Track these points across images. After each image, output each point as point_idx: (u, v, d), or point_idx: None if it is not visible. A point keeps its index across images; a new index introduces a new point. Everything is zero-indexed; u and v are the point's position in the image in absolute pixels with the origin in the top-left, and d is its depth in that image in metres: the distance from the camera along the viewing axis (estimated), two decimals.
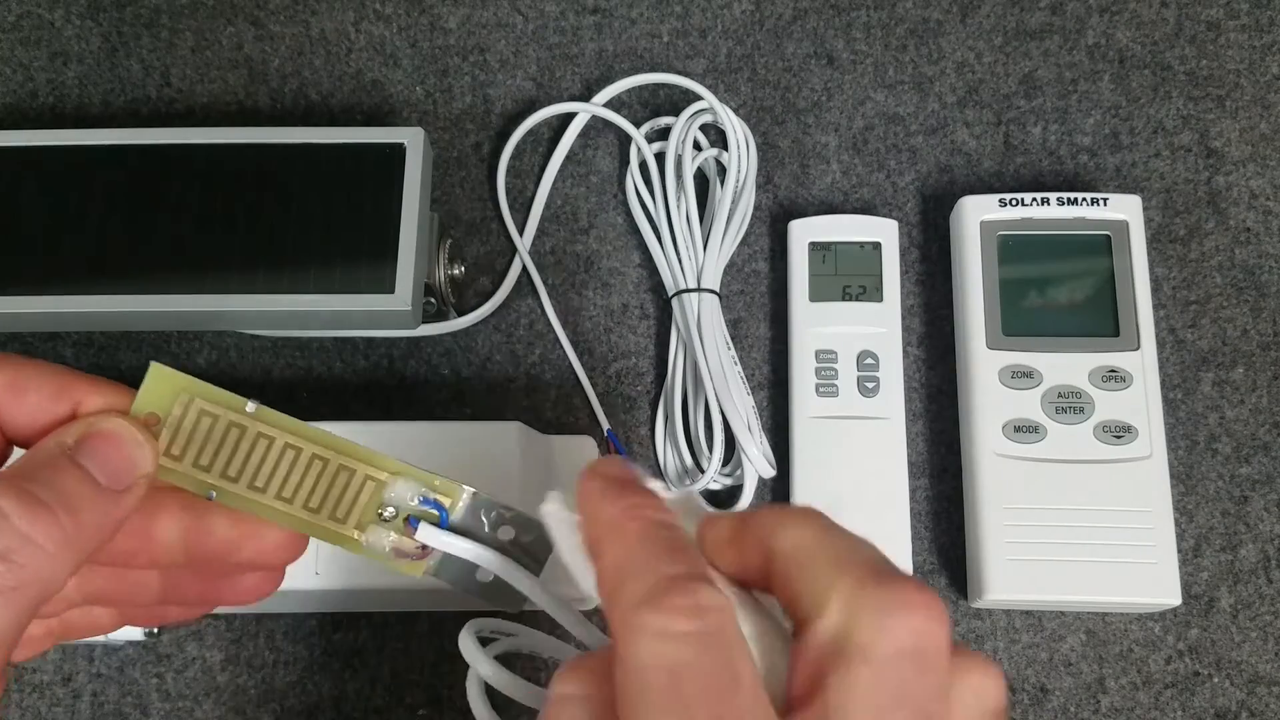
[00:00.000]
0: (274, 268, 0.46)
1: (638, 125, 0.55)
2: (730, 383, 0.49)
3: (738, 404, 0.49)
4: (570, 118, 0.56)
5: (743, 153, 0.53)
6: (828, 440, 0.49)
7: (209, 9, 0.59)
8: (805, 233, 0.52)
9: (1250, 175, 0.55)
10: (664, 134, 0.54)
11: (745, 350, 0.53)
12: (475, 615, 0.27)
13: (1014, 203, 0.51)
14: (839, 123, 0.57)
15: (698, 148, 0.54)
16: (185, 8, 0.59)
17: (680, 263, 0.52)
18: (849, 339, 0.51)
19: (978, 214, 0.51)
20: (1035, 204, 0.51)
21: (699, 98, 0.53)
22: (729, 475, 0.50)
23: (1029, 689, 0.48)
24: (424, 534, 0.25)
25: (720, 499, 0.51)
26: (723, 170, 0.53)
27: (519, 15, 0.59)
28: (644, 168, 0.54)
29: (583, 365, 0.53)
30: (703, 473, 0.48)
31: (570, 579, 0.23)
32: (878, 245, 0.52)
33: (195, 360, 0.53)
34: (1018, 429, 0.48)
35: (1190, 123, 0.56)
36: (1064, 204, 0.51)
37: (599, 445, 0.50)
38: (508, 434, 0.45)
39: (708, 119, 0.53)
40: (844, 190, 0.56)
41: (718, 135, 0.56)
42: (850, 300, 0.51)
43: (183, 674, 0.48)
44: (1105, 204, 0.50)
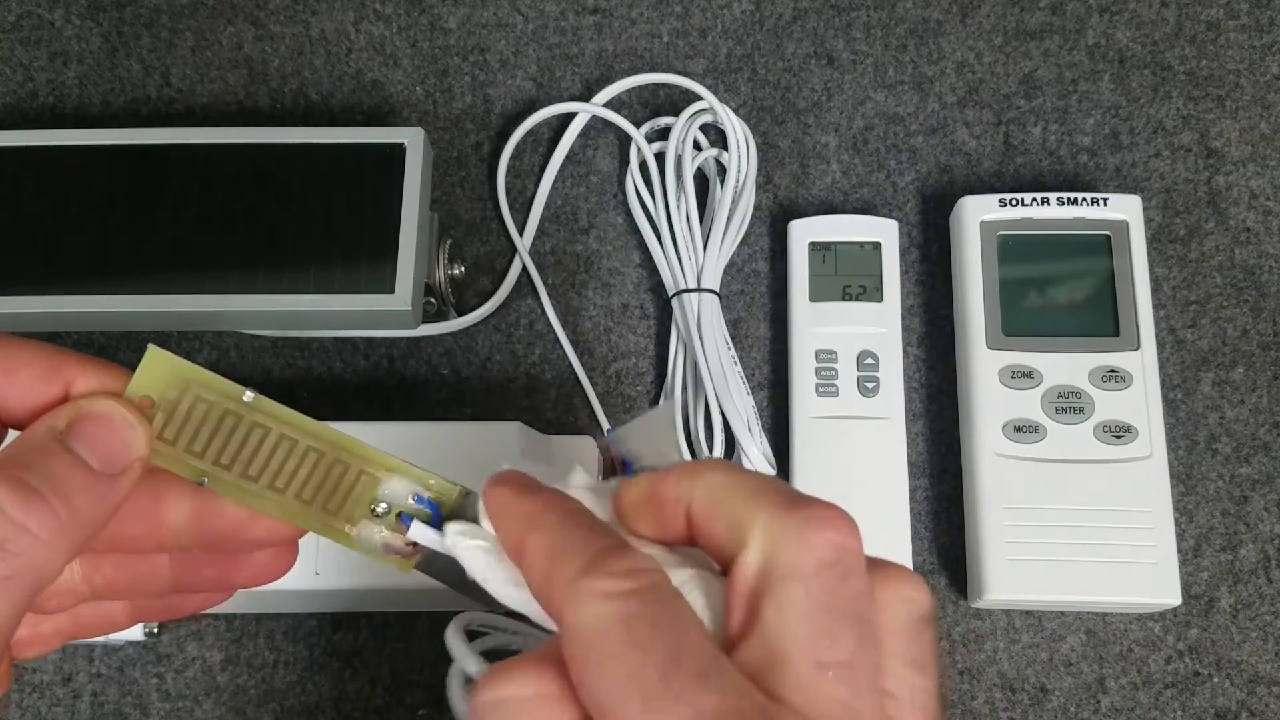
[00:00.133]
0: (274, 268, 0.46)
1: (638, 125, 0.55)
2: (730, 383, 0.49)
3: (738, 404, 0.49)
4: (570, 118, 0.56)
5: (743, 153, 0.53)
6: (828, 440, 0.49)
7: (209, 9, 0.59)
8: (805, 233, 0.52)
9: (1250, 175, 0.55)
10: (664, 134, 0.54)
11: (745, 350, 0.53)
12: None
13: (1014, 203, 0.51)
14: (839, 123, 0.57)
15: (698, 148, 0.54)
16: (185, 8, 0.59)
17: (680, 263, 0.52)
18: (849, 339, 0.51)
19: (978, 214, 0.51)
20: (1035, 204, 0.51)
21: (699, 98, 0.53)
22: None
23: (1029, 689, 0.48)
24: (415, 532, 0.26)
25: None
26: (723, 170, 0.53)
27: (519, 15, 0.59)
28: (644, 168, 0.54)
29: (583, 365, 0.53)
30: None
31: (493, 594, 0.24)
32: (878, 245, 0.52)
33: (195, 360, 0.53)
34: (1018, 429, 0.48)
35: (1190, 123, 0.56)
36: (1064, 204, 0.51)
37: (599, 445, 0.50)
38: (508, 434, 0.45)
39: (708, 119, 0.53)
40: (844, 190, 0.56)
41: (718, 135, 0.56)
42: (850, 300, 0.51)
43: (183, 674, 0.48)
44: (1105, 204, 0.50)
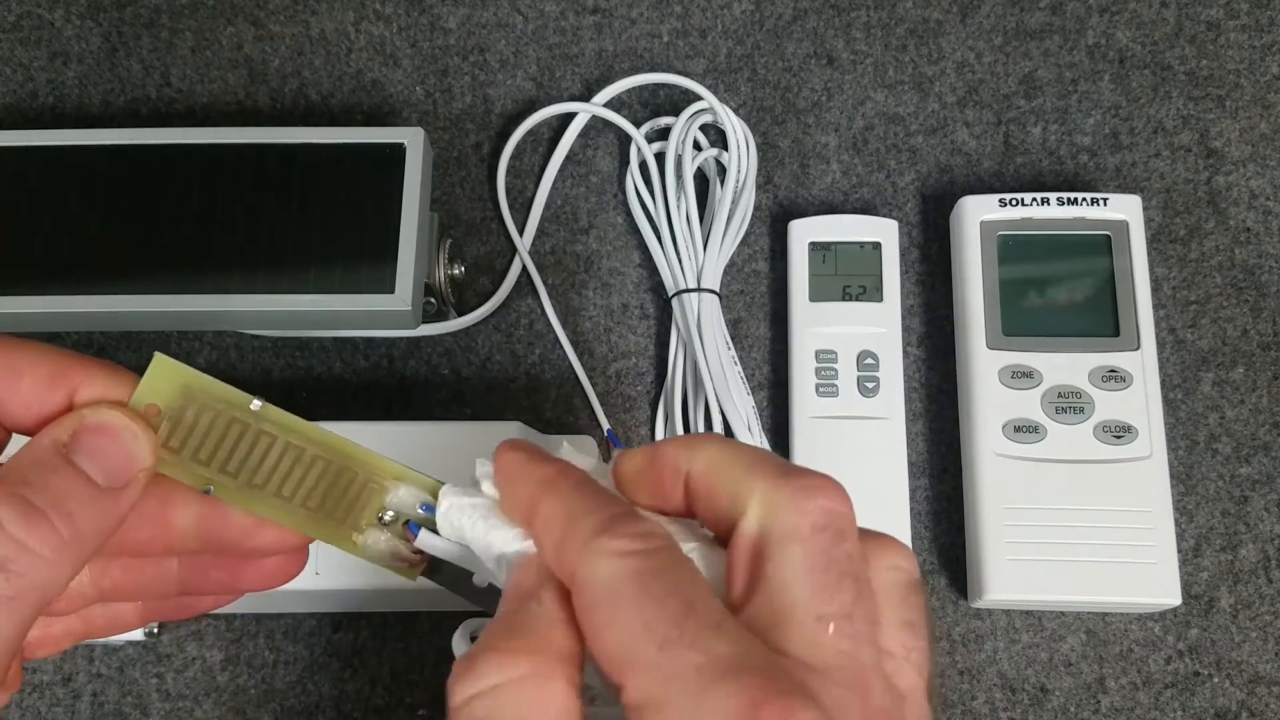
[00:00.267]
0: (274, 268, 0.46)
1: (638, 125, 0.55)
2: (730, 383, 0.49)
3: (738, 404, 0.49)
4: (570, 118, 0.56)
5: (743, 153, 0.53)
6: (828, 440, 0.49)
7: (209, 9, 0.59)
8: (805, 233, 0.52)
9: (1250, 175, 0.55)
10: (664, 134, 0.54)
11: (745, 350, 0.53)
12: (474, 615, 0.27)
13: (1014, 203, 0.51)
14: (839, 123, 0.57)
15: (698, 148, 0.54)
16: (185, 8, 0.59)
17: (680, 263, 0.52)
18: (849, 339, 0.51)
19: (978, 214, 0.51)
20: (1035, 204, 0.51)
21: (699, 98, 0.53)
22: None
23: (1029, 689, 0.48)
24: (423, 540, 0.25)
25: None
26: (723, 170, 0.53)
27: (519, 15, 0.59)
28: (644, 168, 0.54)
29: (583, 365, 0.53)
30: None
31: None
32: (878, 245, 0.52)
33: (195, 360, 0.53)
34: (1018, 429, 0.48)
35: (1190, 123, 0.56)
36: (1064, 204, 0.51)
37: (599, 445, 0.50)
38: (508, 434, 0.45)
39: (708, 119, 0.53)
40: (844, 190, 0.56)
41: (718, 135, 0.56)
42: (850, 300, 0.51)
43: (183, 674, 0.48)
44: (1105, 204, 0.50)
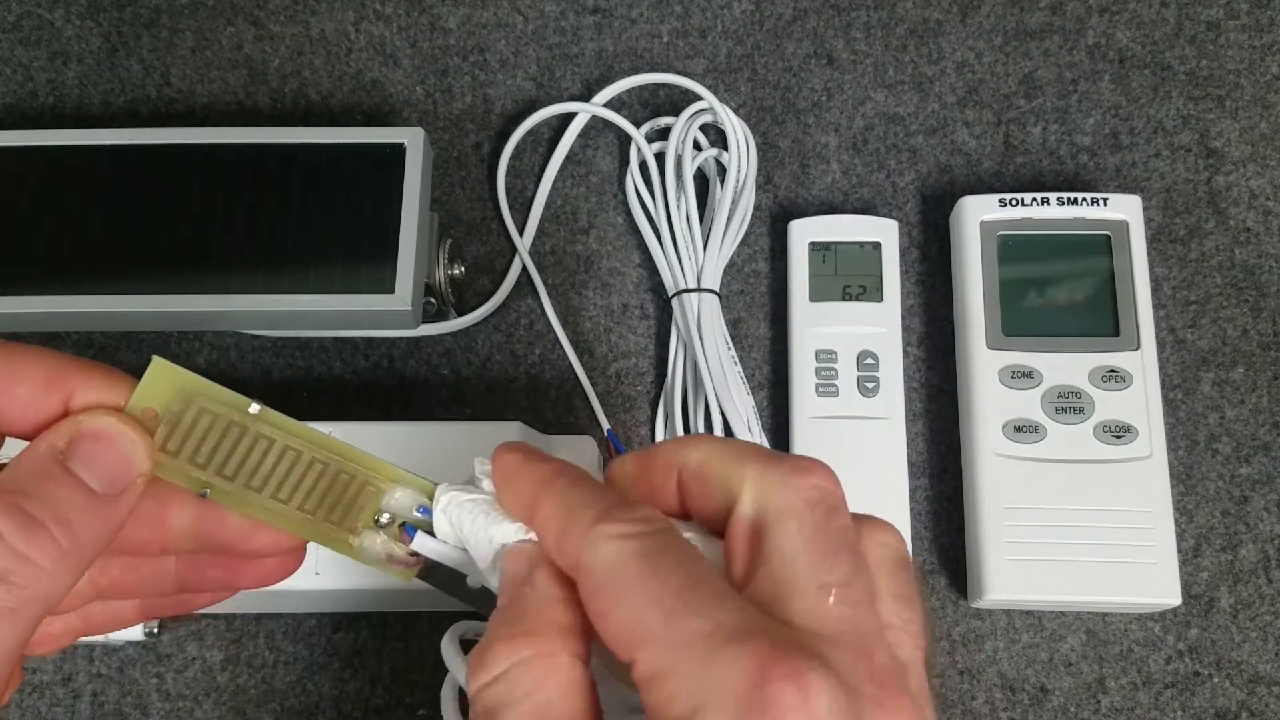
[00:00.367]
0: (274, 268, 0.46)
1: (638, 125, 0.55)
2: (730, 383, 0.49)
3: (738, 404, 0.49)
4: (570, 118, 0.56)
5: (743, 153, 0.53)
6: (828, 440, 0.49)
7: (209, 9, 0.59)
8: (805, 233, 0.52)
9: (1250, 175, 0.55)
10: (664, 134, 0.54)
11: (745, 350, 0.53)
12: (473, 616, 0.27)
13: (1014, 203, 0.51)
14: (839, 123, 0.57)
15: (698, 148, 0.54)
16: (185, 8, 0.59)
17: (680, 263, 0.52)
18: (849, 339, 0.51)
19: (978, 214, 0.51)
20: (1035, 204, 0.51)
21: (699, 98, 0.53)
22: None
23: (1029, 689, 0.48)
24: (419, 543, 0.26)
25: None
26: (723, 170, 0.53)
27: (519, 15, 0.59)
28: (644, 168, 0.54)
29: (583, 365, 0.53)
30: None
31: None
32: (878, 245, 0.52)
33: (195, 360, 0.53)
34: (1018, 429, 0.48)
35: (1190, 123, 0.56)
36: (1064, 204, 0.51)
37: (599, 445, 0.50)
38: (508, 434, 0.45)
39: (708, 119, 0.53)
40: (844, 190, 0.56)
41: (718, 135, 0.56)
42: (850, 300, 0.51)
43: (183, 674, 0.48)
44: (1105, 204, 0.50)
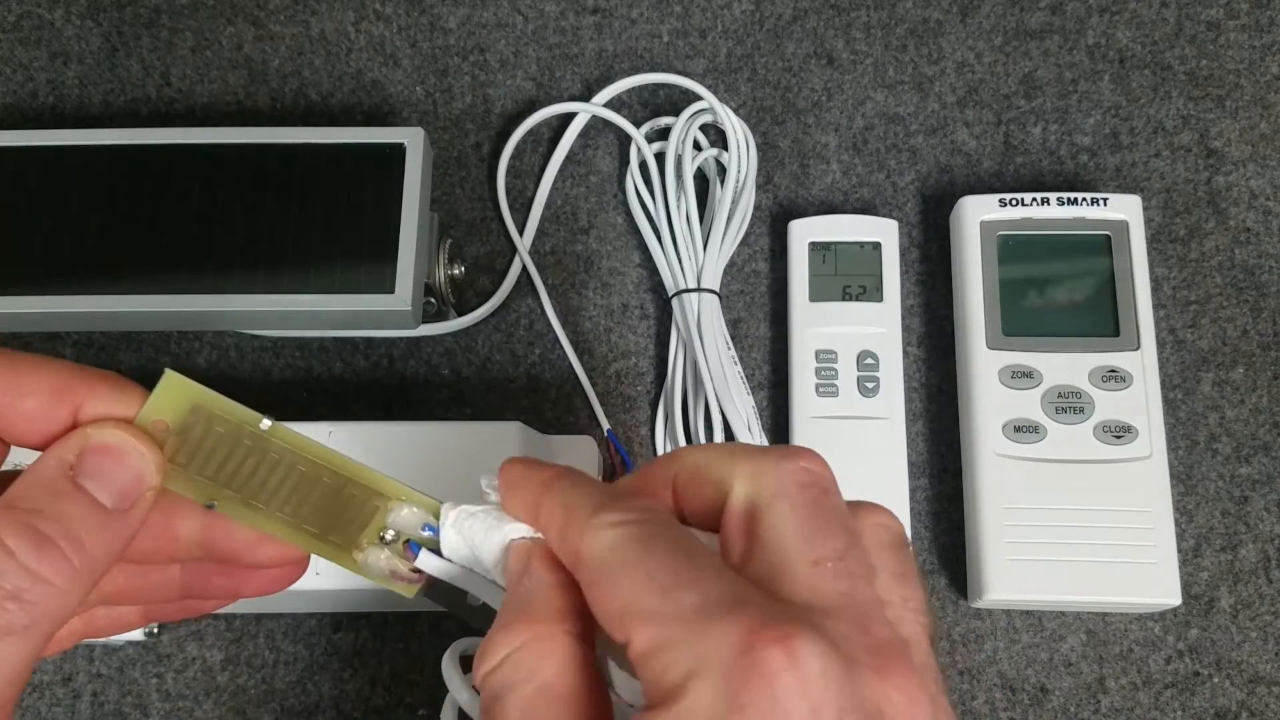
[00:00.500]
0: (274, 268, 0.46)
1: (638, 125, 0.55)
2: (730, 383, 0.49)
3: (738, 404, 0.49)
4: (570, 118, 0.56)
5: (743, 153, 0.53)
6: (828, 440, 0.49)
7: (209, 9, 0.59)
8: (805, 233, 0.52)
9: (1250, 175, 0.55)
10: (664, 134, 0.54)
11: (745, 350, 0.53)
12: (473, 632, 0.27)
13: (1014, 203, 0.51)
14: (839, 123, 0.57)
15: (698, 148, 0.54)
16: (185, 8, 0.59)
17: (680, 263, 0.52)
18: (849, 339, 0.51)
19: (978, 214, 0.51)
20: (1035, 204, 0.51)
21: (699, 98, 0.53)
22: None
23: (1029, 689, 0.48)
24: (423, 561, 0.26)
25: None
26: (723, 170, 0.53)
27: (519, 15, 0.59)
28: (644, 168, 0.54)
29: (583, 365, 0.53)
30: None
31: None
32: (878, 245, 0.52)
33: (195, 360, 0.53)
34: (1018, 429, 0.48)
35: (1190, 123, 0.56)
36: (1064, 204, 0.51)
37: (599, 445, 0.50)
38: (508, 434, 0.45)
39: (708, 119, 0.53)
40: (844, 190, 0.56)
41: (718, 135, 0.56)
42: (850, 300, 0.51)
43: (183, 674, 0.48)
44: (1105, 204, 0.50)
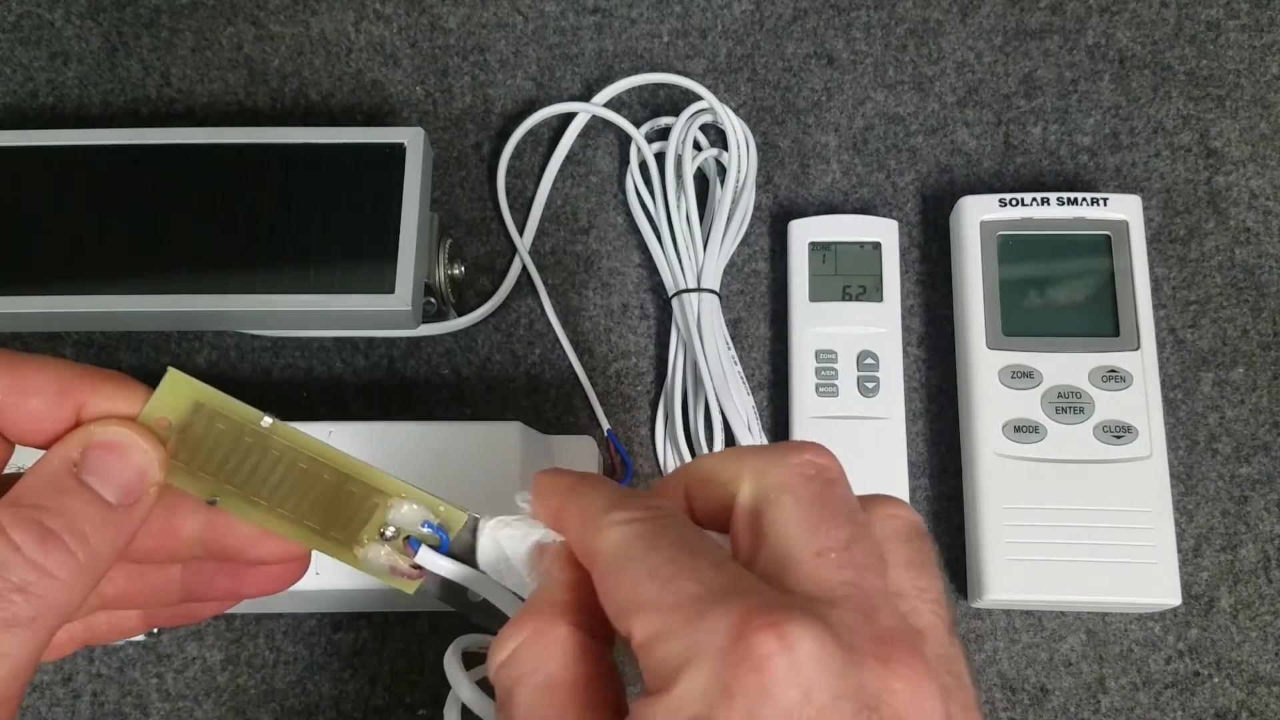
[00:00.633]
0: (274, 268, 0.46)
1: (638, 125, 0.55)
2: (730, 383, 0.49)
3: (738, 404, 0.49)
4: (570, 118, 0.56)
5: (743, 153, 0.53)
6: (828, 440, 0.48)
7: (209, 9, 0.59)
8: (805, 233, 0.52)
9: (1250, 175, 0.55)
10: (664, 134, 0.54)
11: (745, 350, 0.53)
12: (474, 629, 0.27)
13: (1014, 203, 0.51)
14: (839, 123, 0.57)
15: (698, 148, 0.54)
16: (185, 8, 0.59)
17: (680, 263, 0.52)
18: (849, 339, 0.51)
19: (978, 214, 0.51)
20: (1035, 204, 0.51)
21: (699, 98, 0.53)
22: None
23: (1029, 689, 0.48)
24: (423, 557, 0.26)
25: None
26: (723, 170, 0.53)
27: (519, 15, 0.59)
28: (644, 168, 0.54)
29: (583, 365, 0.53)
30: None
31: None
32: (878, 245, 0.52)
33: (195, 360, 0.53)
34: (1018, 429, 0.48)
35: (1190, 123, 0.56)
36: (1064, 204, 0.51)
37: (599, 445, 0.50)
38: (508, 434, 0.45)
39: (708, 119, 0.53)
40: (844, 190, 0.56)
41: (718, 135, 0.56)
42: (850, 300, 0.51)
43: (183, 674, 0.48)
44: (1105, 204, 0.50)
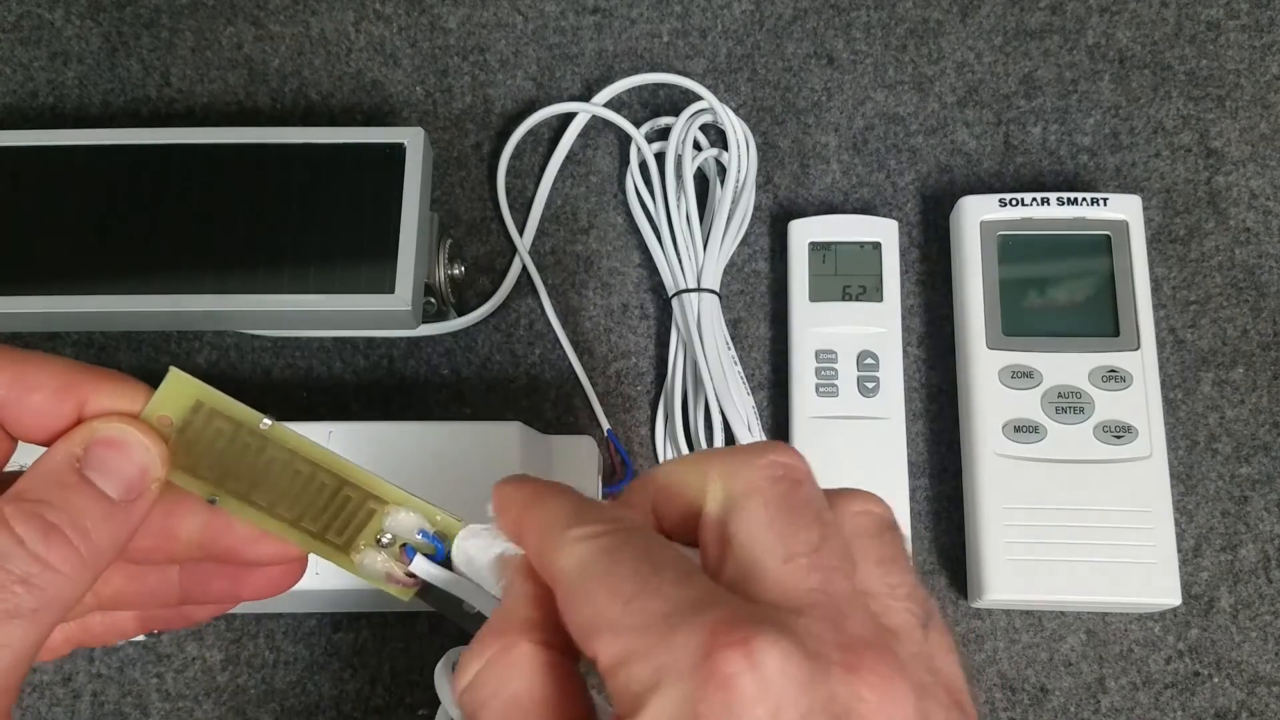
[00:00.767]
0: (274, 268, 0.46)
1: (638, 125, 0.55)
2: (730, 383, 0.49)
3: (738, 404, 0.49)
4: (570, 118, 0.56)
5: (743, 153, 0.53)
6: (828, 440, 0.49)
7: (209, 9, 0.59)
8: (805, 233, 0.52)
9: (1250, 175, 0.55)
10: (664, 134, 0.54)
11: (745, 350, 0.53)
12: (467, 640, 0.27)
13: (1014, 203, 0.51)
14: (839, 123, 0.57)
15: (698, 148, 0.54)
16: (185, 8, 0.59)
17: (680, 263, 0.52)
18: (849, 339, 0.51)
19: (978, 214, 0.51)
20: (1035, 204, 0.51)
21: (699, 98, 0.53)
22: None
23: (1029, 689, 0.48)
24: (418, 566, 0.26)
25: None
26: (723, 170, 0.53)
27: (519, 15, 0.59)
28: (644, 168, 0.54)
29: (583, 365, 0.53)
30: None
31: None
32: (878, 245, 0.52)
33: (195, 360, 0.53)
34: (1018, 429, 0.48)
35: (1190, 123, 0.56)
36: (1064, 204, 0.51)
37: (599, 445, 0.50)
38: (508, 434, 0.45)
39: (708, 119, 0.53)
40: (844, 190, 0.56)
41: (718, 135, 0.56)
42: (850, 300, 0.51)
43: (183, 674, 0.48)
44: (1105, 204, 0.50)
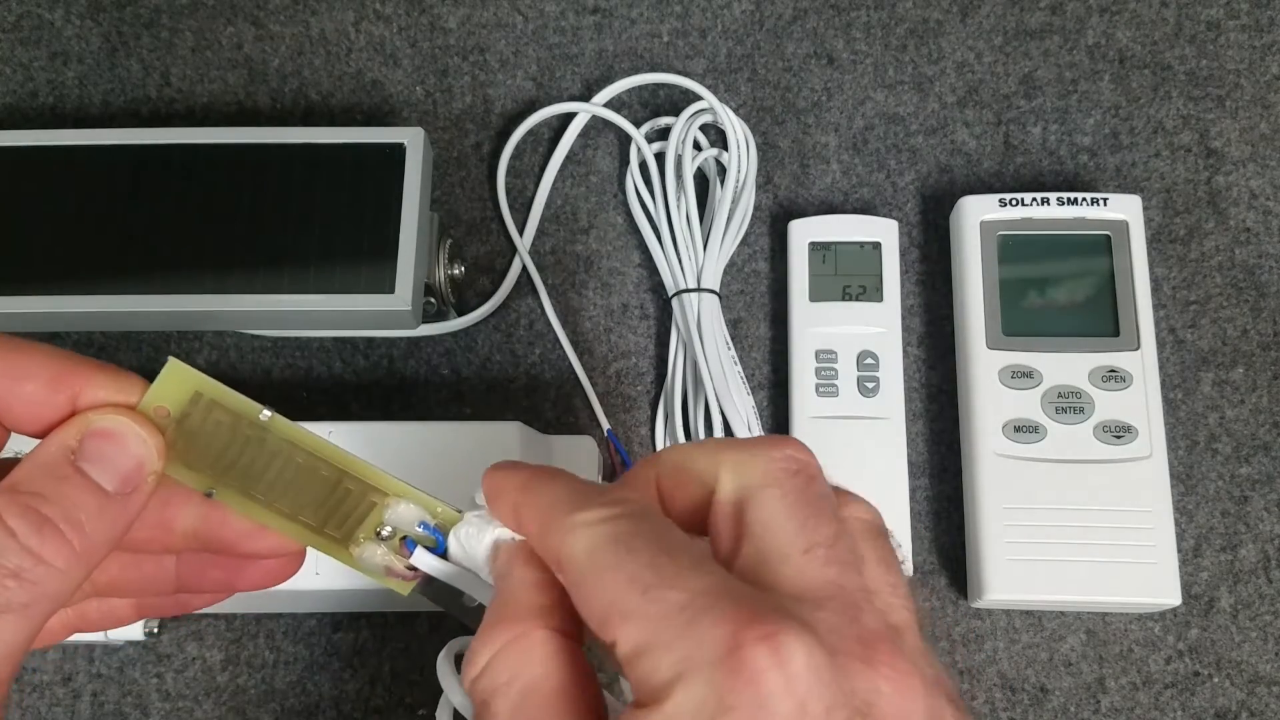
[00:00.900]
0: (274, 268, 0.46)
1: (638, 125, 0.55)
2: (730, 383, 0.49)
3: (738, 404, 0.49)
4: (570, 118, 0.56)
5: (743, 153, 0.53)
6: (828, 440, 0.49)
7: (209, 9, 0.59)
8: (805, 233, 0.52)
9: (1250, 175, 0.55)
10: (664, 134, 0.54)
11: (745, 350, 0.53)
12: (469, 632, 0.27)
13: (1014, 203, 0.51)
14: (839, 123, 0.57)
15: (698, 148, 0.54)
16: (185, 8, 0.59)
17: (680, 263, 0.52)
18: (849, 339, 0.51)
19: (978, 214, 0.51)
20: (1035, 204, 0.51)
21: (699, 98, 0.53)
22: None
23: (1029, 689, 0.48)
24: (418, 558, 0.26)
25: None
26: (723, 170, 0.53)
27: (519, 15, 0.59)
28: (644, 168, 0.54)
29: (583, 365, 0.53)
30: None
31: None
32: (878, 245, 0.52)
33: (195, 360, 0.53)
34: (1018, 429, 0.48)
35: (1190, 123, 0.56)
36: (1064, 204, 0.51)
37: (599, 445, 0.50)
38: (508, 434, 0.45)
39: (708, 119, 0.53)
40: (844, 190, 0.56)
41: (718, 135, 0.56)
42: (850, 300, 0.51)
43: (183, 674, 0.48)
44: (1105, 204, 0.50)
